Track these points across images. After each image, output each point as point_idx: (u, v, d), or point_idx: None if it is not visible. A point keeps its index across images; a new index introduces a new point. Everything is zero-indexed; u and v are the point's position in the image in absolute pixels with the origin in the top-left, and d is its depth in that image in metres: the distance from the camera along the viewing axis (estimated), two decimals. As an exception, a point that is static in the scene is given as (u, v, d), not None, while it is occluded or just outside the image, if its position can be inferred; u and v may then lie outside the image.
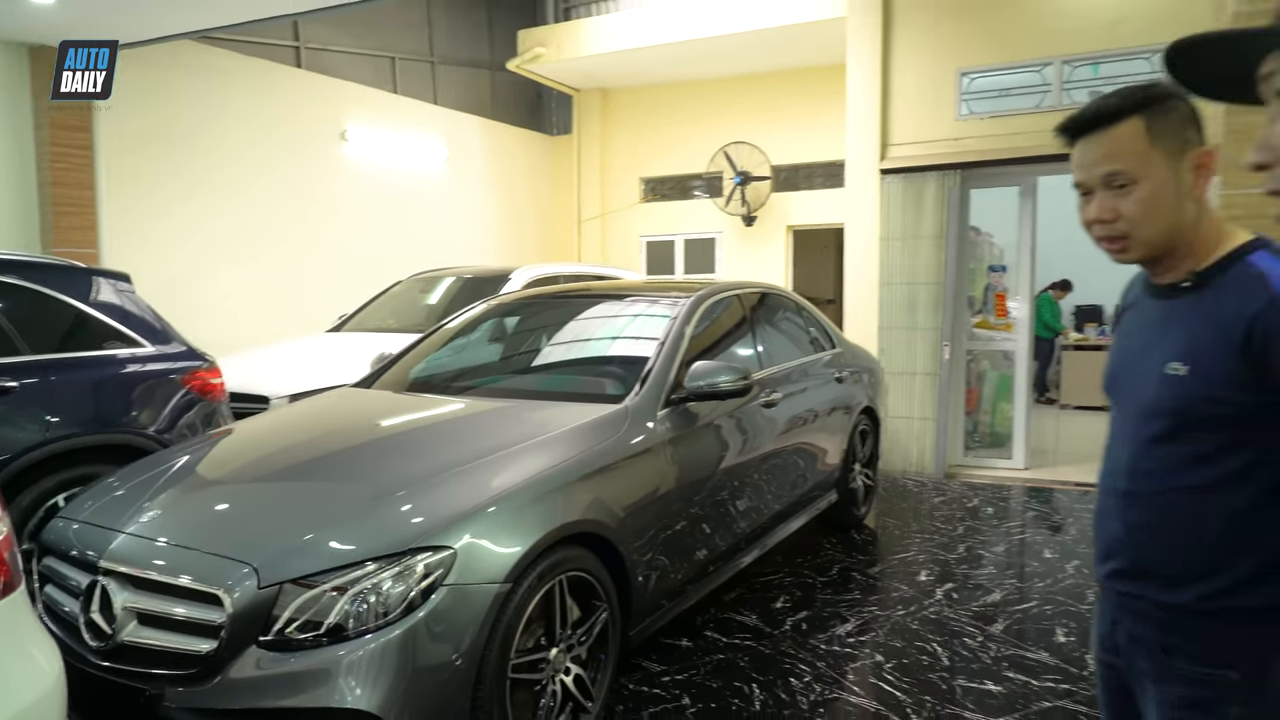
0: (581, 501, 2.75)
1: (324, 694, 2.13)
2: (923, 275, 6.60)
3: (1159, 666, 1.33)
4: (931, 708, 3.03)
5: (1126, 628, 1.41)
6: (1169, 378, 1.28)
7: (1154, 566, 1.33)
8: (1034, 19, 6.22)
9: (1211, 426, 1.25)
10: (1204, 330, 1.26)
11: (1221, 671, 1.25)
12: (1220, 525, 1.26)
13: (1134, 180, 1.29)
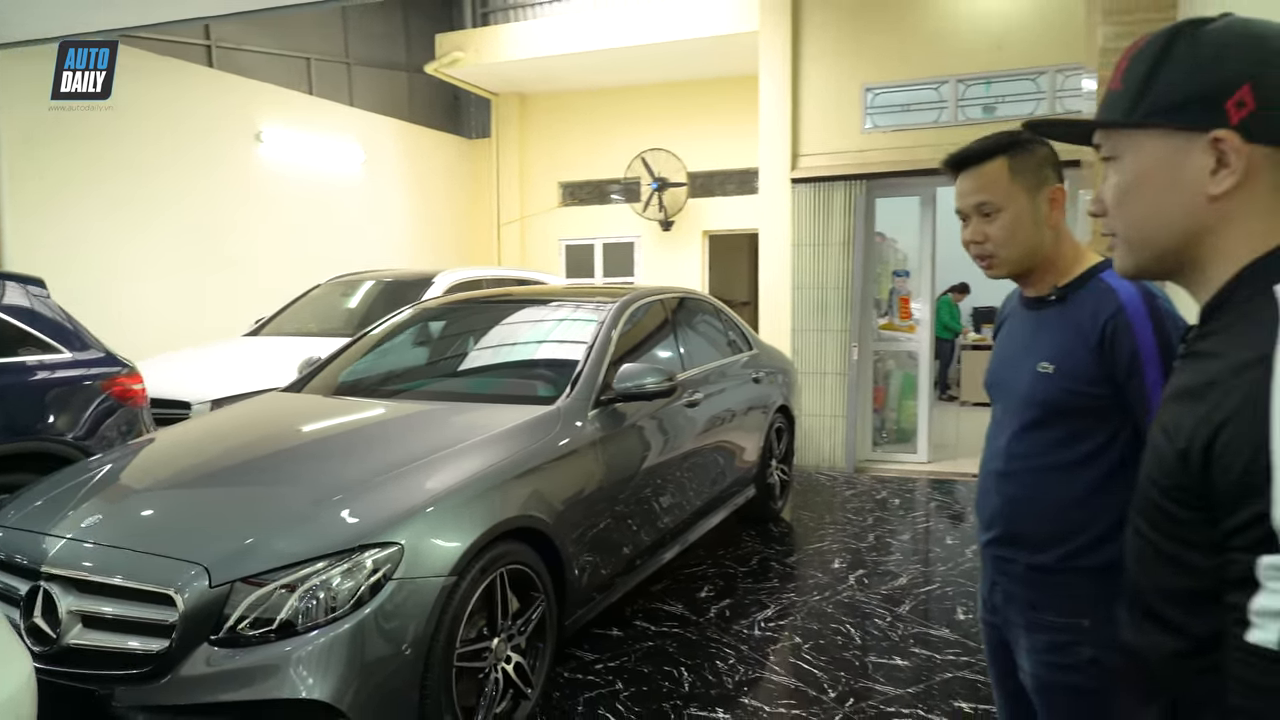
0: (519, 498, 2.89)
1: (277, 686, 2.21)
2: (832, 280, 6.95)
3: (1028, 619, 1.58)
4: (846, 682, 3.28)
5: (1002, 588, 1.65)
6: (1040, 375, 1.54)
7: (1025, 533, 1.58)
8: (930, 40, 6.64)
9: (1072, 416, 1.52)
10: (1067, 335, 1.52)
11: (1076, 620, 1.51)
12: (1076, 498, 1.51)
13: (998, 209, 1.56)
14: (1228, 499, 0.77)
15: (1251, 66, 0.84)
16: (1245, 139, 0.84)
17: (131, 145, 7.01)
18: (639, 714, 3.04)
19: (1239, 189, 0.86)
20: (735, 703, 3.13)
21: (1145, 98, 0.90)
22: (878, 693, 3.20)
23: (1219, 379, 0.81)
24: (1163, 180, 0.90)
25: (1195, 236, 0.90)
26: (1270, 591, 0.72)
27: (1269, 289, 0.82)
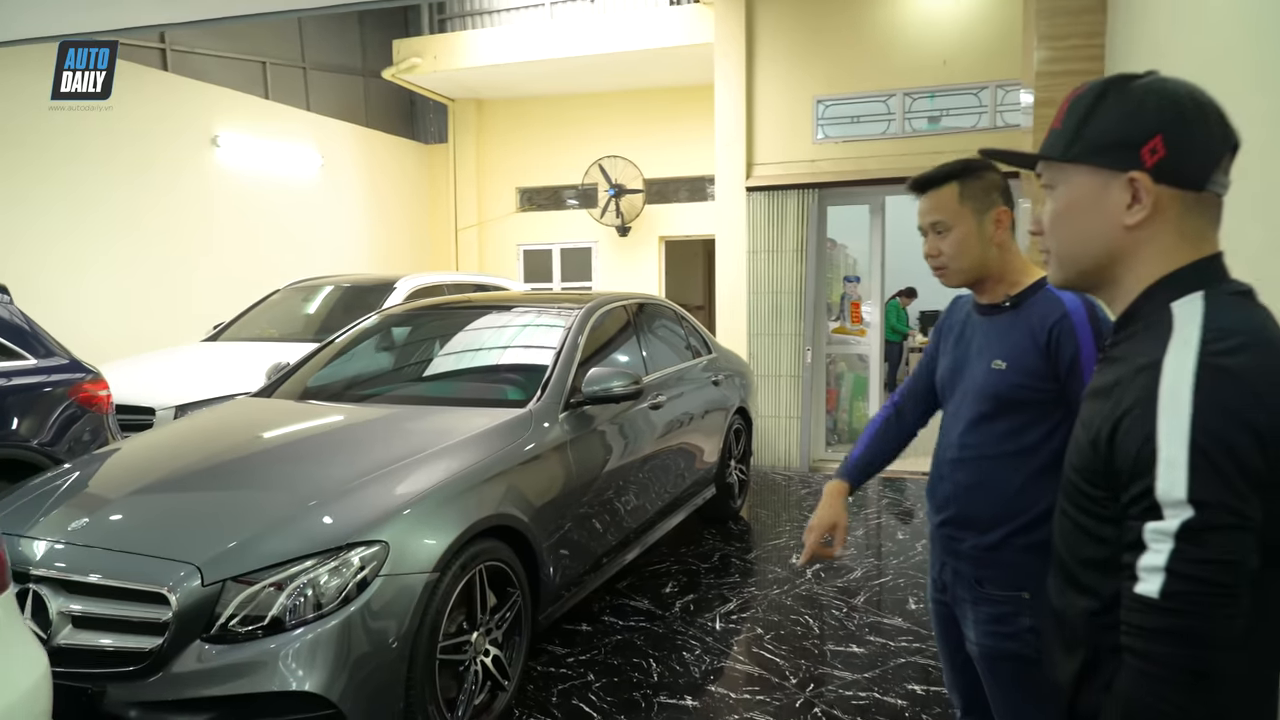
0: (496, 497, 3.00)
1: (268, 679, 2.29)
2: (786, 285, 7.17)
3: (975, 593, 1.77)
4: (806, 669, 3.45)
5: (952, 566, 1.83)
6: (993, 371, 1.74)
7: (974, 515, 1.77)
8: (878, 55, 6.90)
9: (1019, 409, 1.71)
10: (1019, 337, 1.73)
11: (1017, 593, 1.70)
12: (1020, 483, 1.70)
13: (949, 228, 1.78)
14: (1124, 478, 0.96)
15: (1164, 120, 1.02)
16: (1155, 180, 1.03)
17: (84, 149, 6.92)
18: (611, 703, 3.17)
19: (1148, 221, 1.05)
20: (702, 690, 3.28)
21: (1079, 139, 1.08)
22: (836, 678, 3.38)
23: (1122, 379, 1.00)
24: (1088, 209, 1.09)
25: (1112, 258, 1.09)
26: (1153, 551, 0.91)
27: (1166, 305, 1.02)
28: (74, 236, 6.89)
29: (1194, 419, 0.90)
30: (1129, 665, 0.94)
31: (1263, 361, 0.93)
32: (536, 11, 10.13)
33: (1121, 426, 0.97)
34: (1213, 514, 0.88)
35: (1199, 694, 0.89)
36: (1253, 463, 0.89)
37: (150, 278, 7.49)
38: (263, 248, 8.62)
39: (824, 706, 3.14)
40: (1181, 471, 0.89)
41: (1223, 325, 0.96)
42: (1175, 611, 0.89)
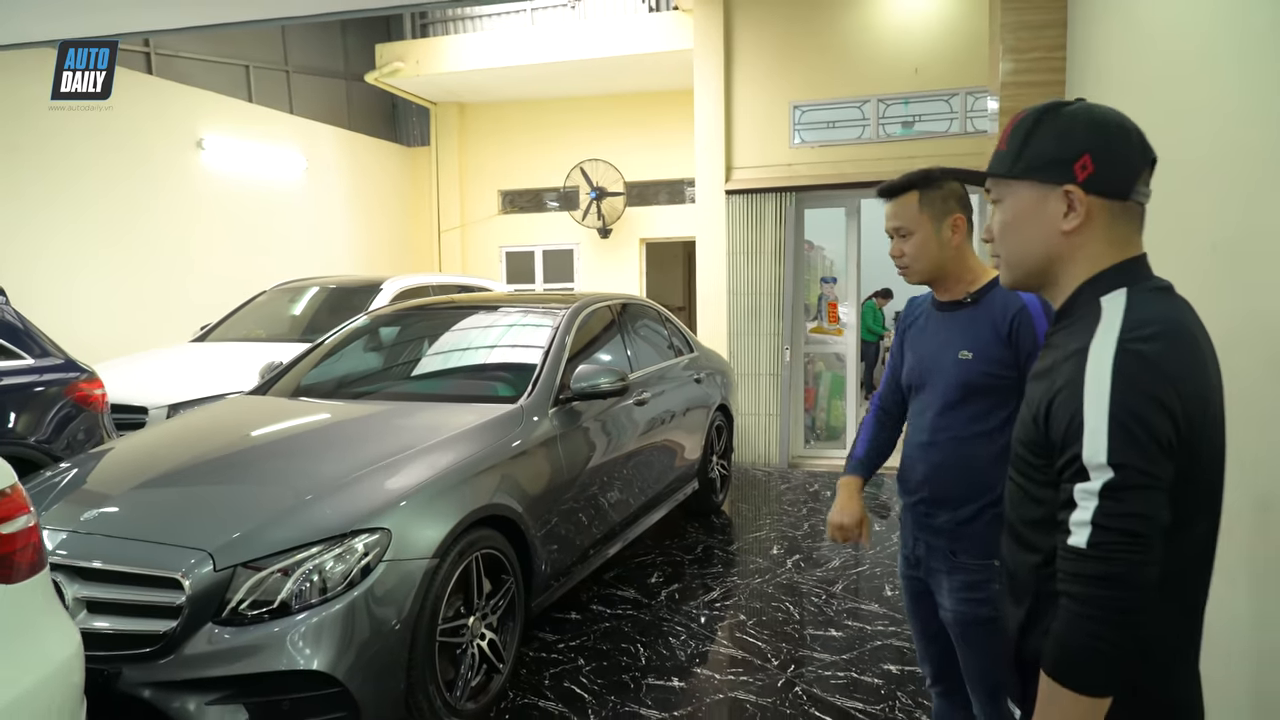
0: (490, 487, 3.13)
1: (277, 659, 2.41)
2: (765, 286, 7.34)
3: (949, 564, 1.93)
4: (787, 652, 3.61)
5: (925, 540, 2.00)
6: (960, 361, 1.91)
7: (947, 493, 1.93)
8: (853, 62, 7.10)
9: (985, 394, 1.89)
10: (982, 329, 1.91)
11: (989, 561, 1.87)
12: (988, 461, 1.87)
13: (910, 232, 1.97)
14: (1058, 447, 1.14)
15: (1092, 141, 1.20)
16: (1086, 191, 1.21)
17: (70, 153, 6.96)
18: (601, 685, 3.31)
19: (1081, 228, 1.22)
20: (688, 672, 3.43)
21: (1021, 158, 1.25)
22: (815, 660, 3.54)
23: (1056, 364, 1.19)
24: (1031, 218, 1.25)
25: (1052, 260, 1.26)
26: (1081, 508, 1.08)
27: (1096, 300, 1.20)
28: (64, 239, 6.93)
29: (1113, 395, 1.07)
30: (1063, 607, 1.10)
31: (1173, 347, 1.11)
32: (518, 17, 10.25)
33: (1055, 403, 1.15)
34: (1129, 475, 1.05)
35: (1121, 629, 1.05)
36: (1163, 432, 1.07)
37: (138, 279, 7.53)
38: (248, 249, 8.68)
39: (804, 685, 3.30)
40: (1103, 439, 1.06)
41: (1141, 317, 1.13)
42: (1099, 559, 1.06)
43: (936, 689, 2.18)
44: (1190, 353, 1.13)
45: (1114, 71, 3.28)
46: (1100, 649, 1.06)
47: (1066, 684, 1.09)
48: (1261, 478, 2.15)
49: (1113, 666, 1.06)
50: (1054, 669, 1.10)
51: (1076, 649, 1.08)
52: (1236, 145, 2.27)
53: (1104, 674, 1.07)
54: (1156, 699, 1.17)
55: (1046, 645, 1.13)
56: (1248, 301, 2.21)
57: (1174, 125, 2.70)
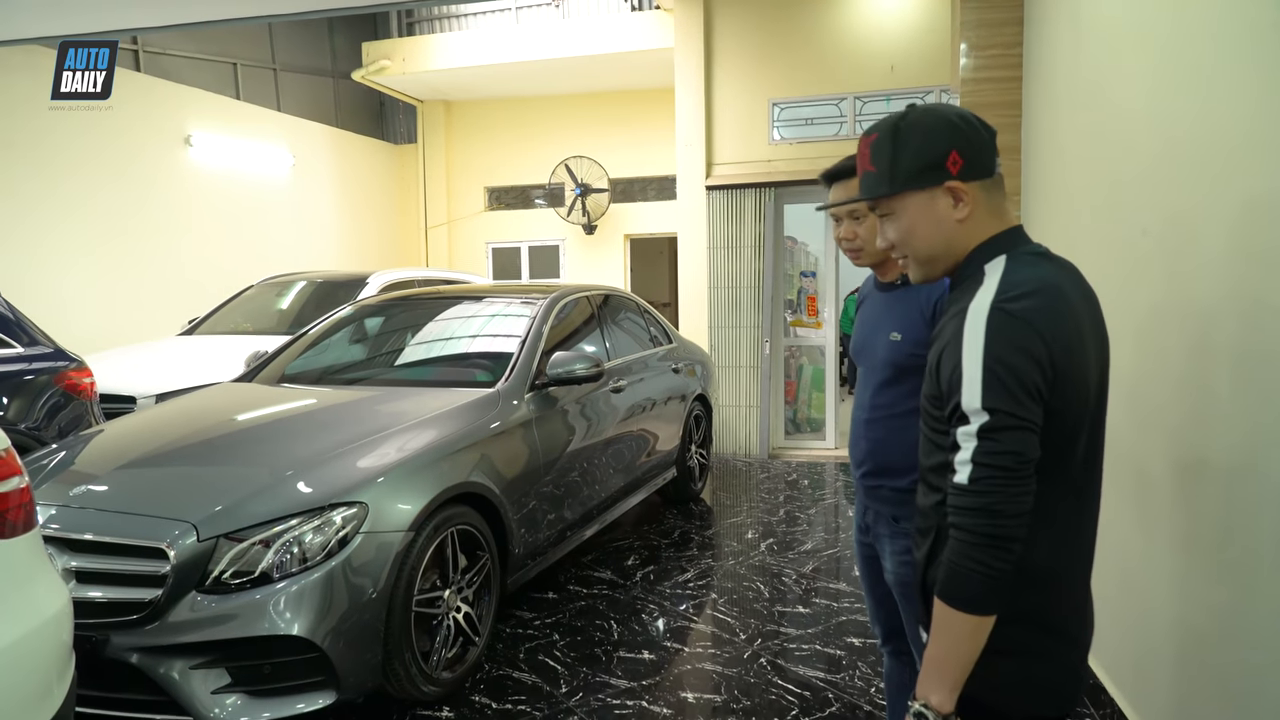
0: (466, 466, 3.26)
1: (258, 624, 2.53)
2: (745, 280, 7.48)
3: (891, 529, 2.07)
4: (755, 628, 3.74)
5: (873, 509, 2.13)
6: (891, 342, 2.04)
7: (887, 465, 2.06)
8: (830, 61, 7.24)
9: (915, 373, 2.01)
10: (910, 311, 2.03)
11: None
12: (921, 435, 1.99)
13: (864, 214, 2.06)
14: (945, 396, 1.29)
15: (953, 137, 1.34)
16: (964, 180, 1.34)
17: (57, 150, 7.05)
18: (574, 658, 3.44)
19: (971, 213, 1.37)
20: (659, 646, 3.56)
21: (897, 175, 1.37)
22: (783, 634, 3.67)
23: (946, 323, 1.35)
24: (929, 220, 1.38)
25: (954, 246, 1.41)
26: (964, 449, 1.24)
27: (981, 266, 1.36)
28: (55, 234, 7.01)
29: (986, 348, 1.21)
30: (951, 538, 1.25)
31: (1043, 305, 1.24)
32: (502, 16, 10.37)
33: (942, 357, 1.30)
34: (1001, 417, 1.20)
35: (998, 553, 1.20)
36: (1030, 380, 1.21)
37: (127, 274, 7.62)
38: (236, 245, 8.77)
39: (769, 657, 3.43)
40: (978, 387, 1.21)
41: (1014, 279, 1.28)
42: (979, 493, 1.20)
43: (887, 648, 2.31)
44: (1058, 309, 1.25)
45: (1063, 66, 3.43)
46: (980, 571, 1.20)
47: (953, 604, 1.23)
48: (1183, 447, 2.29)
49: (992, 587, 1.20)
50: (942, 590, 1.24)
51: (960, 572, 1.21)
52: (1168, 136, 2.42)
53: (984, 593, 1.20)
54: (1042, 620, 1.31)
55: (940, 572, 1.26)
56: (1174, 281, 2.36)
57: (1114, 116, 2.85)
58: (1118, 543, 2.78)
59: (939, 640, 1.26)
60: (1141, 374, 2.54)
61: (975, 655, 1.23)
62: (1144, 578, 2.59)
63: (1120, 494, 2.76)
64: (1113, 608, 2.83)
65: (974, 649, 1.23)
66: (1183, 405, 2.29)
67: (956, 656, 1.23)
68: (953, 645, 1.23)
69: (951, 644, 1.23)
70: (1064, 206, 3.44)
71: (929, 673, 1.26)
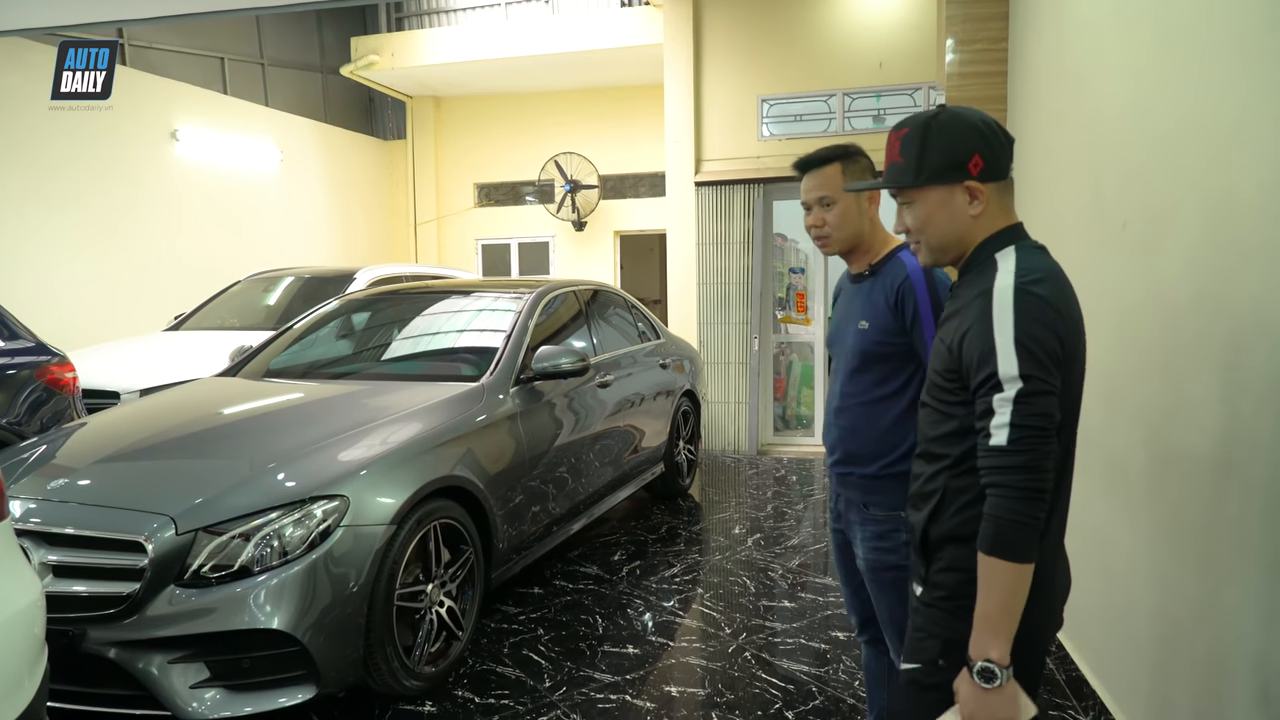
0: (449, 460, 3.24)
1: (237, 618, 2.52)
2: (734, 276, 7.48)
3: (862, 516, 2.07)
4: (741, 622, 3.74)
5: (845, 496, 2.13)
6: (859, 331, 2.05)
7: (857, 452, 2.07)
8: (819, 57, 7.24)
9: (881, 362, 2.03)
10: (876, 300, 2.04)
11: (896, 512, 2.01)
12: (889, 424, 2.03)
13: (834, 201, 2.07)
14: (973, 369, 1.40)
15: (977, 142, 1.48)
16: (982, 182, 1.49)
17: (48, 143, 7.00)
18: (558, 652, 3.43)
19: (984, 211, 1.50)
20: (643, 640, 3.55)
21: (923, 169, 1.51)
22: (767, 628, 3.67)
23: (965, 305, 1.46)
24: (946, 213, 1.52)
25: (965, 238, 1.54)
26: (999, 414, 1.35)
27: (992, 255, 1.48)
28: (40, 230, 6.96)
29: (1016, 323, 1.35)
30: (992, 496, 1.35)
31: (1055, 288, 1.40)
32: (492, 11, 10.34)
33: (969, 334, 1.42)
34: (1035, 383, 1.33)
35: (1037, 504, 1.32)
36: (1053, 350, 1.35)
37: (113, 270, 7.57)
38: (223, 240, 8.72)
39: (754, 651, 3.43)
40: (1013, 358, 1.34)
41: (1028, 266, 1.42)
42: (1019, 451, 1.32)
43: (863, 637, 2.32)
44: (1065, 292, 1.42)
45: (1048, 62, 3.43)
46: (1026, 523, 1.31)
47: (1005, 556, 1.32)
48: (1161, 439, 2.30)
49: (1034, 537, 1.32)
50: (992, 546, 1.34)
51: (1008, 524, 1.32)
52: (1150, 132, 2.42)
53: (1030, 542, 1.32)
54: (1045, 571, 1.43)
55: (982, 530, 1.36)
56: (1152, 276, 2.36)
57: (1096, 111, 2.85)
58: (1099, 535, 2.79)
59: (990, 596, 1.34)
60: (1121, 367, 2.54)
61: (1022, 604, 1.33)
62: (1125, 570, 2.60)
63: (1101, 486, 2.77)
64: (1095, 599, 2.84)
65: (1022, 598, 1.33)
66: (1161, 398, 2.30)
67: (1009, 607, 1.33)
68: (1005, 597, 1.33)
69: (1004, 596, 1.33)
70: (1049, 201, 3.45)
71: (983, 630, 1.35)
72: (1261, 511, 1.75)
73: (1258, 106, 1.76)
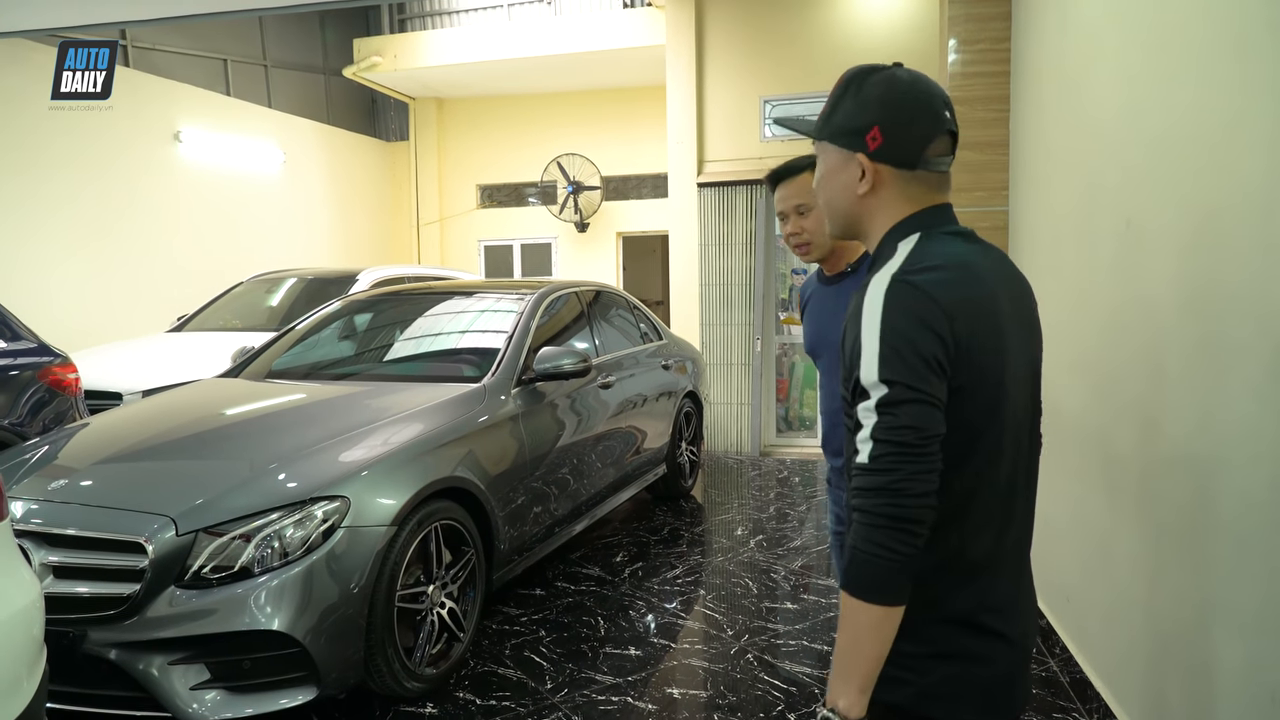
0: (450, 461, 3.24)
1: (238, 619, 2.51)
2: (737, 277, 7.47)
3: None
4: (743, 624, 3.73)
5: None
6: None
7: None
8: (822, 58, 7.23)
9: None
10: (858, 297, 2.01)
11: None
12: None
13: (810, 208, 2.09)
14: (847, 372, 1.23)
15: (883, 113, 1.26)
16: (874, 160, 1.27)
17: (51, 143, 7.01)
18: (560, 654, 3.42)
19: (874, 191, 1.30)
20: (645, 642, 3.54)
21: (829, 123, 1.32)
22: (770, 630, 3.66)
23: (853, 300, 1.27)
24: (835, 178, 1.33)
25: (855, 219, 1.35)
26: (864, 426, 1.15)
27: (895, 245, 1.27)
28: (43, 231, 6.97)
29: (883, 320, 1.15)
30: (854, 521, 1.14)
31: (945, 278, 1.18)
32: (494, 13, 10.35)
33: (846, 333, 1.24)
34: (899, 390, 1.12)
35: (897, 534, 1.10)
36: (930, 352, 1.14)
37: (116, 271, 7.58)
38: (226, 242, 8.73)
39: (756, 653, 3.42)
40: (875, 359, 1.14)
41: (921, 254, 1.22)
42: (880, 471, 1.11)
43: None
44: (964, 283, 1.19)
45: (1049, 61, 3.42)
46: (883, 556, 1.10)
47: (855, 593, 1.12)
48: (1158, 439, 2.29)
49: (894, 574, 1.10)
50: (845, 580, 1.15)
51: (862, 558, 1.12)
52: (1149, 132, 2.41)
53: (888, 580, 1.11)
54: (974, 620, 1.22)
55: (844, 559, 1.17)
56: (1148, 275, 2.35)
57: (1097, 111, 2.84)
58: (1099, 536, 2.78)
59: (845, 634, 1.15)
60: (1116, 366, 2.53)
61: (883, 652, 1.13)
62: (1125, 570, 2.58)
63: (1103, 485, 2.76)
64: (1096, 601, 2.83)
65: (881, 645, 1.13)
66: (1156, 397, 2.29)
67: (863, 652, 1.13)
68: (858, 640, 1.13)
69: (857, 638, 1.13)
70: (1049, 199, 3.43)
71: (836, 673, 1.15)
72: (1262, 509, 1.73)
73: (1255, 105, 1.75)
